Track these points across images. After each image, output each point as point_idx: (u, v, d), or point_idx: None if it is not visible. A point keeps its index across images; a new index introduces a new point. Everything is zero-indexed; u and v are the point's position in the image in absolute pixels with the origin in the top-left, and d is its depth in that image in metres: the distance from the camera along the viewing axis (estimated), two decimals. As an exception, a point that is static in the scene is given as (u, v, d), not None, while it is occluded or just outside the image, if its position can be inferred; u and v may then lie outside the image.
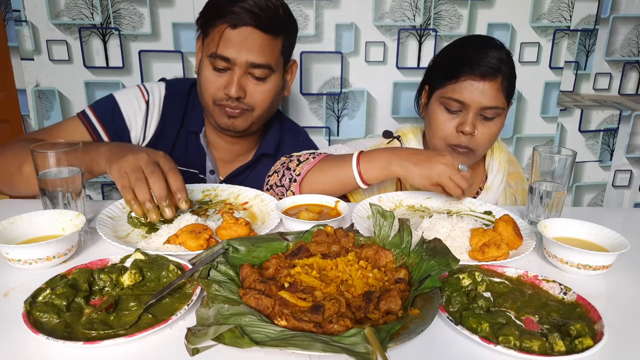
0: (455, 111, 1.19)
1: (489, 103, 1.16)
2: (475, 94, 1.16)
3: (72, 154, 0.95)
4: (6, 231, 0.84)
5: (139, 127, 1.30)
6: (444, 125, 1.21)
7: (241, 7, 1.15)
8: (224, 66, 1.19)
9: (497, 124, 1.21)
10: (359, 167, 1.09)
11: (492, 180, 1.33)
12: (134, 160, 0.93)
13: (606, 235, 0.90)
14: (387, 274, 0.77)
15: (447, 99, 1.19)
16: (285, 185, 1.15)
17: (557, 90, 1.98)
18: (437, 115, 1.22)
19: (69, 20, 1.75)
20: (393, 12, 1.82)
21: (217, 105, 1.23)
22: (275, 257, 0.80)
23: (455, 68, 1.18)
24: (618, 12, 2.11)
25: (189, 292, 0.72)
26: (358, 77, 1.91)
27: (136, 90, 1.31)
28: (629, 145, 2.16)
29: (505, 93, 1.19)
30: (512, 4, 1.84)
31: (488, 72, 1.15)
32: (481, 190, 1.35)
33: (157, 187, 0.91)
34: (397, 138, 1.37)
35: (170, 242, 0.90)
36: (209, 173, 1.38)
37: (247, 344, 0.59)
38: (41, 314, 0.65)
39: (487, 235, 0.89)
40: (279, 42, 1.22)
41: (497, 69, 1.16)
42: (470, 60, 1.17)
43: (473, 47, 1.19)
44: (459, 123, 1.19)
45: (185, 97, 1.35)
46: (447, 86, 1.19)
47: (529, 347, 0.62)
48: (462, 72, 1.17)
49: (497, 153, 1.36)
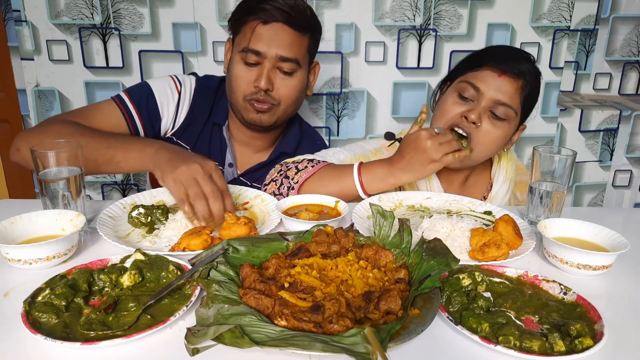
0: (467, 98, 1.16)
1: (503, 99, 1.13)
2: (492, 85, 1.14)
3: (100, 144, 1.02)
4: (6, 231, 0.84)
5: (171, 115, 1.35)
6: (451, 108, 1.18)
7: (272, 5, 1.23)
8: (255, 60, 1.25)
9: (504, 129, 1.17)
10: (360, 178, 1.10)
11: (497, 190, 1.29)
12: (189, 172, 0.98)
13: (606, 235, 0.90)
14: (387, 274, 0.77)
15: (464, 83, 1.17)
16: (284, 194, 1.14)
17: (557, 90, 1.98)
18: (447, 99, 1.20)
19: (69, 20, 1.75)
20: (393, 12, 1.82)
21: (247, 101, 1.29)
22: (275, 257, 0.80)
23: (480, 59, 1.19)
24: (618, 12, 2.11)
25: (188, 293, 0.72)
26: (358, 77, 1.91)
27: (169, 79, 1.37)
28: (629, 145, 2.16)
29: (523, 101, 1.17)
30: (512, 4, 1.84)
31: (512, 70, 1.14)
32: (485, 199, 1.30)
33: (216, 208, 0.97)
34: (399, 140, 1.35)
35: (175, 250, 0.89)
36: (228, 166, 1.42)
37: (247, 344, 0.59)
38: (40, 314, 0.65)
39: (487, 235, 0.89)
40: (306, 39, 1.30)
41: (521, 73, 1.15)
42: (497, 56, 1.17)
43: (505, 50, 1.22)
44: (467, 109, 1.16)
45: (215, 90, 1.41)
46: (467, 73, 1.19)
47: (529, 347, 0.62)
48: (486, 62, 1.16)
49: (504, 162, 1.31)
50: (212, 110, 1.40)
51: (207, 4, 1.77)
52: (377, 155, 1.33)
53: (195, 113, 1.37)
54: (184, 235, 0.90)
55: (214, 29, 1.79)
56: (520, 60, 1.16)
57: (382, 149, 1.35)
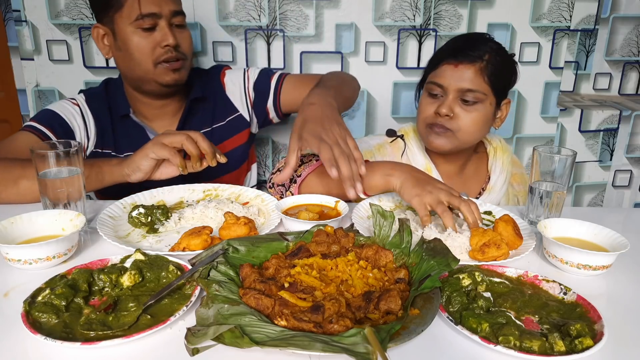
0: (436, 95, 1.24)
1: (466, 85, 1.20)
2: (452, 78, 1.21)
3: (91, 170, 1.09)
4: (6, 231, 0.84)
5: (81, 126, 1.36)
6: (425, 109, 1.26)
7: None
8: (151, 23, 1.26)
9: (480, 110, 1.22)
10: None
11: (495, 181, 1.34)
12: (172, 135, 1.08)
13: (606, 235, 0.90)
14: (387, 274, 0.77)
15: (430, 84, 1.25)
16: (286, 185, 1.15)
17: (557, 90, 1.98)
18: (422, 101, 1.28)
19: (69, 20, 1.75)
20: (393, 12, 1.81)
21: (159, 65, 1.29)
22: (275, 257, 0.80)
23: (437, 56, 1.26)
24: (618, 12, 2.11)
25: (188, 293, 0.72)
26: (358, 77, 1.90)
27: (62, 100, 1.40)
28: (629, 145, 2.16)
29: (488, 80, 1.21)
30: (512, 4, 1.84)
31: (465, 57, 1.20)
32: (484, 190, 1.35)
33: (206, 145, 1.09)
34: (401, 137, 1.37)
35: (175, 250, 0.89)
36: None
37: (247, 344, 0.59)
38: (40, 314, 0.65)
39: (487, 235, 0.89)
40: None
41: (476, 56, 1.20)
42: (451, 49, 1.23)
43: (459, 40, 1.26)
44: (437, 105, 1.23)
45: (103, 91, 1.42)
46: (431, 73, 1.26)
47: (529, 347, 0.62)
48: (442, 59, 1.23)
49: (500, 154, 1.37)
50: (111, 108, 1.40)
51: (207, 4, 1.77)
52: (381, 150, 1.36)
53: (100, 120, 1.38)
54: (184, 235, 0.90)
55: (214, 29, 1.79)
56: (475, 44, 1.21)
57: (385, 144, 1.37)
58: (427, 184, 0.99)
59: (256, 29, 1.78)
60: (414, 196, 0.97)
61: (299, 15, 1.78)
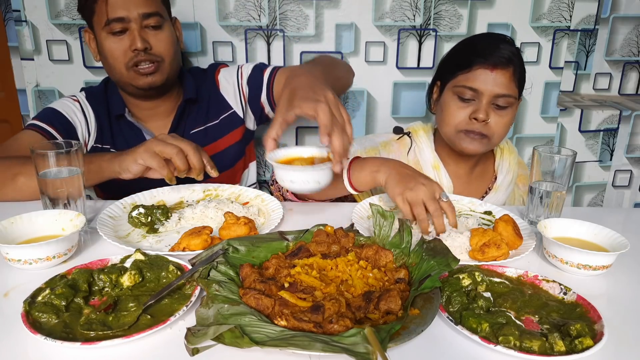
0: (468, 99, 1.20)
1: (501, 91, 1.18)
2: (488, 82, 1.18)
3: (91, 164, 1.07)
4: (6, 231, 0.84)
5: (82, 122, 1.36)
6: (457, 113, 1.22)
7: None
8: (121, 27, 1.25)
9: (510, 114, 1.22)
10: (349, 172, 1.08)
11: (501, 180, 1.34)
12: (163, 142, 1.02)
13: (606, 235, 0.90)
14: (387, 274, 0.77)
15: (461, 88, 1.20)
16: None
17: (557, 90, 1.98)
18: (450, 104, 1.23)
19: (69, 20, 1.75)
20: (393, 12, 1.81)
21: (131, 69, 1.29)
22: (275, 257, 0.80)
23: (467, 59, 1.21)
24: (618, 12, 2.11)
25: (188, 293, 0.72)
26: (358, 77, 1.90)
27: (63, 98, 1.41)
28: (629, 145, 2.16)
29: (517, 84, 1.21)
30: (512, 4, 1.84)
31: (500, 61, 1.17)
32: (490, 190, 1.35)
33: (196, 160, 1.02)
34: (408, 134, 1.37)
35: (175, 250, 0.89)
36: None
37: (247, 344, 0.59)
38: (40, 314, 0.65)
39: (487, 235, 0.89)
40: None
41: (509, 59, 1.18)
42: (483, 51, 1.19)
43: (485, 41, 1.22)
44: (472, 111, 1.20)
45: (102, 89, 1.43)
46: (459, 76, 1.21)
47: (529, 347, 0.62)
48: (475, 61, 1.19)
49: (507, 154, 1.37)
50: (109, 106, 1.40)
51: (207, 4, 1.77)
52: (387, 147, 1.35)
53: (99, 118, 1.39)
54: (184, 235, 0.90)
55: (214, 29, 1.79)
56: (505, 47, 1.19)
57: (392, 141, 1.37)
58: (410, 179, 0.99)
59: (256, 29, 1.78)
60: (397, 195, 0.98)
61: (299, 15, 1.78)
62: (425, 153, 1.33)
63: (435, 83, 1.32)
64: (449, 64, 1.27)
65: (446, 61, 1.30)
